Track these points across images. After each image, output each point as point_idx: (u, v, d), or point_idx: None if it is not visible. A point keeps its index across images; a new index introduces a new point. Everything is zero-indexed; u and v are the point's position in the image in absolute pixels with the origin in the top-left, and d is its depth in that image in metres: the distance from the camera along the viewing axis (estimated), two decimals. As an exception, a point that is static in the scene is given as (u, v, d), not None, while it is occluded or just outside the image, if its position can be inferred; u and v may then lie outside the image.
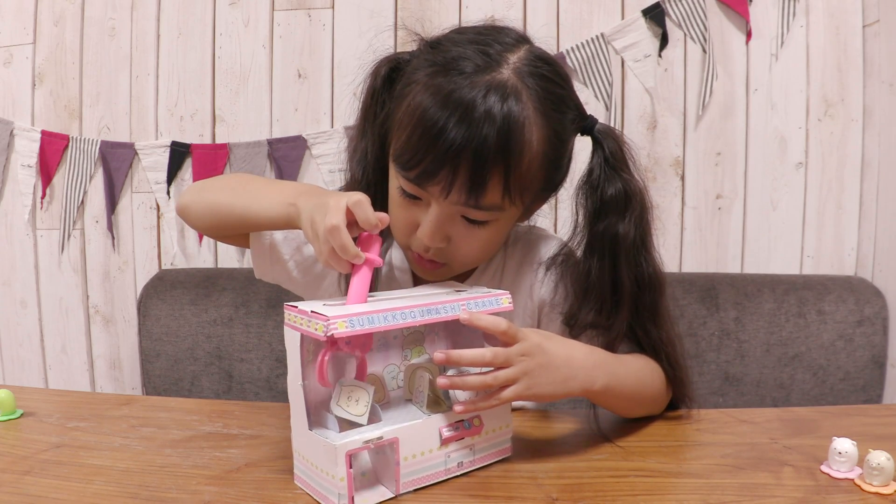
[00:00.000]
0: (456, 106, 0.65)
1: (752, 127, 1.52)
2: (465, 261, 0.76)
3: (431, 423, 0.60)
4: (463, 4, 1.54)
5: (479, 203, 0.68)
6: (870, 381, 1.38)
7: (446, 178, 0.67)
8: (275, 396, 1.45)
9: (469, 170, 0.66)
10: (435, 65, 0.70)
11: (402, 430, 0.58)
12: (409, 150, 0.68)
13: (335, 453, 0.54)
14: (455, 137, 0.65)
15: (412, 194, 0.71)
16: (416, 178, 0.68)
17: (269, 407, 0.85)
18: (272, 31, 1.58)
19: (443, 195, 0.68)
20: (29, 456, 0.68)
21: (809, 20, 1.49)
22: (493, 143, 0.65)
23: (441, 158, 0.66)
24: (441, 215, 0.70)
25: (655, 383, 0.76)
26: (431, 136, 0.66)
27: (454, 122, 0.65)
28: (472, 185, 0.67)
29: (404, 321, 0.58)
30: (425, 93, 0.68)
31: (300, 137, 1.57)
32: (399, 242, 0.78)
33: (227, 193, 0.81)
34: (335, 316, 0.54)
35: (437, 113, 0.66)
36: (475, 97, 0.65)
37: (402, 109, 0.71)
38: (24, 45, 1.63)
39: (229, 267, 1.63)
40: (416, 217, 0.72)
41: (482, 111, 0.65)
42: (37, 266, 1.69)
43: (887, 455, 0.59)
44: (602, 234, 0.74)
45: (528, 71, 0.69)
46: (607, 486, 0.61)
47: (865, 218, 1.50)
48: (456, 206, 0.69)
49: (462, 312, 0.61)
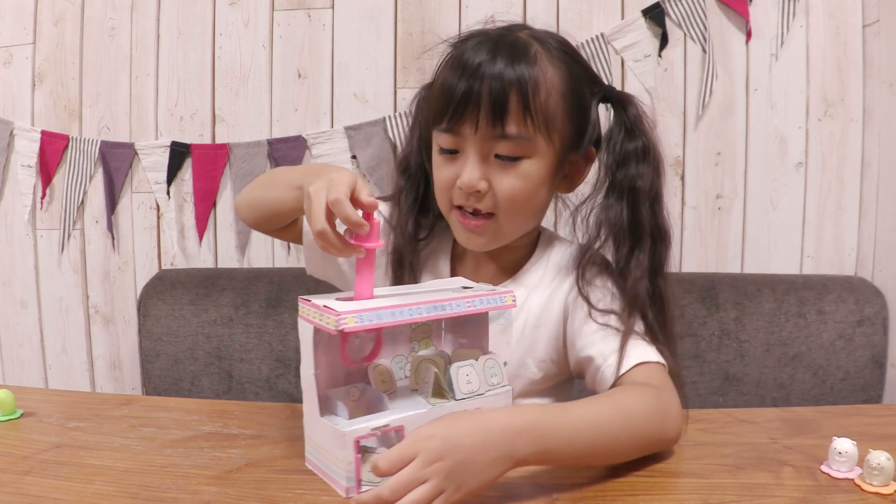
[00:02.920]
0: (471, 56, 0.75)
1: (752, 127, 1.52)
2: (509, 207, 0.79)
3: (435, 413, 0.62)
4: (463, 4, 1.54)
5: (505, 131, 0.75)
6: (870, 381, 1.38)
7: (472, 113, 0.75)
8: (275, 396, 1.45)
9: (490, 100, 0.74)
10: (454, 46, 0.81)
11: (407, 418, 0.61)
12: (439, 107, 0.77)
13: (344, 439, 0.57)
14: (473, 78, 0.74)
15: (449, 149, 0.79)
16: (448, 125, 0.77)
17: (269, 407, 0.85)
18: (272, 31, 1.58)
19: (472, 130, 0.75)
20: (29, 456, 0.68)
21: (809, 20, 1.49)
22: (508, 74, 0.74)
23: (465, 98, 0.74)
24: (477, 153, 0.77)
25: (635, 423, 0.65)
26: (453, 84, 0.75)
27: (471, 67, 0.75)
28: (495, 113, 0.74)
29: (411, 317, 0.61)
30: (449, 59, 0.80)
31: (300, 137, 1.57)
32: (443, 208, 0.84)
33: (260, 187, 0.89)
34: (346, 311, 0.57)
35: (455, 66, 0.76)
36: (489, 45, 0.76)
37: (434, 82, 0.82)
38: (24, 45, 1.63)
39: (229, 267, 1.63)
40: (456, 171, 0.78)
41: (496, 52, 0.75)
42: (37, 266, 1.69)
43: (887, 455, 0.59)
44: (622, 182, 0.80)
45: (540, 35, 0.81)
46: (607, 486, 0.61)
47: (865, 218, 1.50)
48: (486, 140, 0.76)
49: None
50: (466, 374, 0.65)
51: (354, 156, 1.57)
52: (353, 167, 1.57)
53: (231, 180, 1.60)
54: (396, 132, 1.54)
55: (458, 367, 0.65)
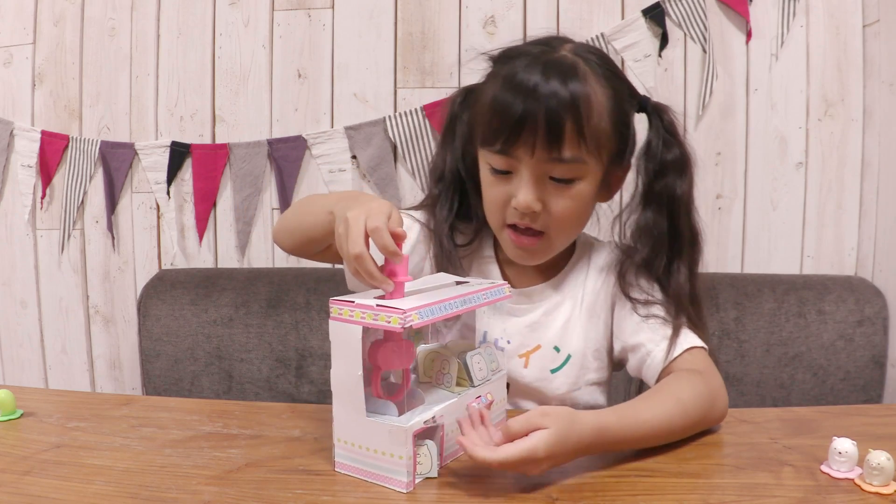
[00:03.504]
0: (525, 77, 0.76)
1: (752, 127, 1.52)
2: (561, 226, 0.83)
3: (463, 401, 0.67)
4: (463, 4, 1.54)
5: (561, 155, 0.77)
6: (870, 381, 1.38)
7: (528, 137, 0.76)
8: (275, 396, 1.45)
9: (546, 124, 0.75)
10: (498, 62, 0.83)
11: (446, 408, 0.64)
12: (492, 127, 0.78)
13: (405, 434, 0.59)
14: (528, 100, 0.75)
15: (502, 169, 0.80)
16: (502, 147, 0.78)
17: (269, 407, 0.85)
18: (272, 31, 1.58)
19: (528, 154, 0.77)
20: (29, 456, 0.68)
21: (809, 20, 1.49)
22: (563, 96, 0.75)
23: (521, 121, 0.75)
24: (532, 175, 0.78)
25: (690, 410, 0.71)
26: (508, 106, 0.76)
27: (526, 89, 0.75)
28: (551, 138, 0.75)
29: (451, 311, 0.63)
30: (495, 81, 0.80)
31: (300, 137, 1.57)
32: (494, 225, 0.86)
33: (296, 213, 0.89)
34: (410, 308, 0.58)
35: (508, 87, 0.77)
36: (540, 66, 0.76)
37: (478, 105, 0.83)
38: (24, 45, 1.63)
39: (229, 267, 1.63)
40: (509, 191, 0.80)
41: (549, 74, 0.75)
42: (37, 266, 1.69)
43: (887, 455, 0.59)
44: (661, 192, 0.84)
45: (583, 52, 0.81)
46: (607, 486, 0.61)
47: (865, 218, 1.50)
48: (542, 163, 0.78)
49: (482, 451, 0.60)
50: (477, 362, 0.70)
51: (354, 156, 1.57)
52: (354, 167, 1.57)
53: (231, 180, 1.60)
54: (396, 132, 1.54)
55: (470, 357, 0.70)
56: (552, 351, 0.89)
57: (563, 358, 0.89)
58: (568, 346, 0.89)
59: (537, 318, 0.90)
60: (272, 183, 1.60)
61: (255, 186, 1.59)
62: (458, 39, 1.54)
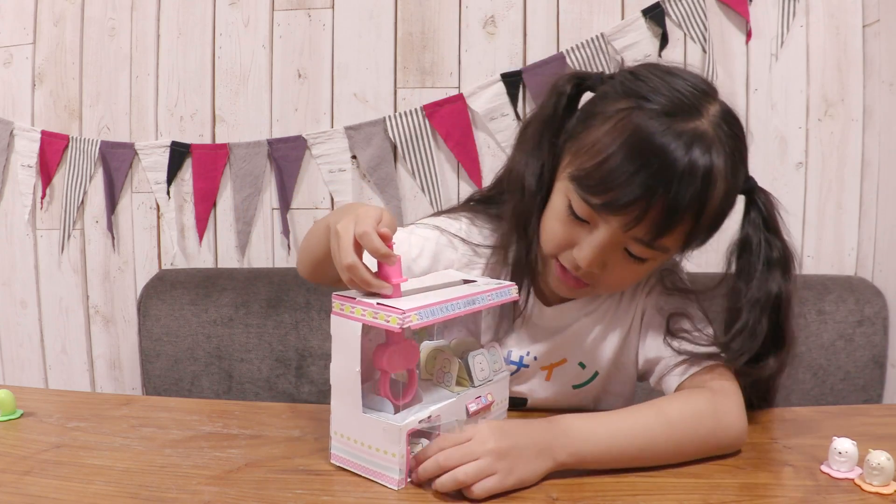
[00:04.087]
0: (661, 149, 0.65)
1: (752, 127, 1.52)
2: (612, 289, 0.78)
3: (462, 401, 0.67)
4: (463, 4, 1.54)
5: (655, 243, 0.69)
6: (870, 381, 1.38)
7: (635, 213, 0.67)
8: (275, 396, 1.45)
9: (662, 213, 0.66)
10: (635, 95, 0.69)
11: (442, 408, 0.64)
12: (600, 177, 0.68)
13: (399, 433, 0.60)
14: (658, 180, 0.65)
15: (582, 217, 0.71)
16: (602, 205, 0.68)
17: (269, 407, 0.85)
18: (272, 31, 1.58)
19: (622, 227, 0.68)
20: (29, 456, 0.68)
21: (809, 20, 1.49)
22: (693, 193, 0.66)
23: (636, 195, 0.66)
24: (607, 243, 0.70)
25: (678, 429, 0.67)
26: (631, 172, 0.66)
27: (658, 164, 0.65)
28: (660, 227, 0.67)
29: (454, 312, 0.63)
30: (626, 126, 0.67)
31: (300, 137, 1.57)
32: (547, 252, 0.77)
33: (306, 239, 0.83)
34: (410, 309, 0.58)
35: (640, 150, 0.66)
36: (680, 145, 0.65)
37: (594, 133, 0.70)
38: (24, 45, 1.63)
39: (229, 267, 1.63)
40: (576, 236, 0.73)
41: (687, 161, 0.65)
42: (37, 266, 1.69)
43: (887, 455, 0.59)
44: (760, 295, 0.74)
45: (724, 127, 0.70)
46: (607, 486, 0.61)
47: (865, 218, 1.50)
48: (629, 239, 0.70)
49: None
50: (479, 362, 0.70)
51: (354, 156, 1.57)
52: (354, 167, 1.57)
53: (231, 180, 1.60)
54: (396, 132, 1.54)
55: (472, 357, 0.70)
56: (577, 367, 0.86)
57: (590, 375, 0.86)
58: (595, 363, 0.85)
59: (568, 334, 0.85)
60: (272, 183, 1.60)
61: (255, 186, 1.59)
62: (458, 39, 1.54)
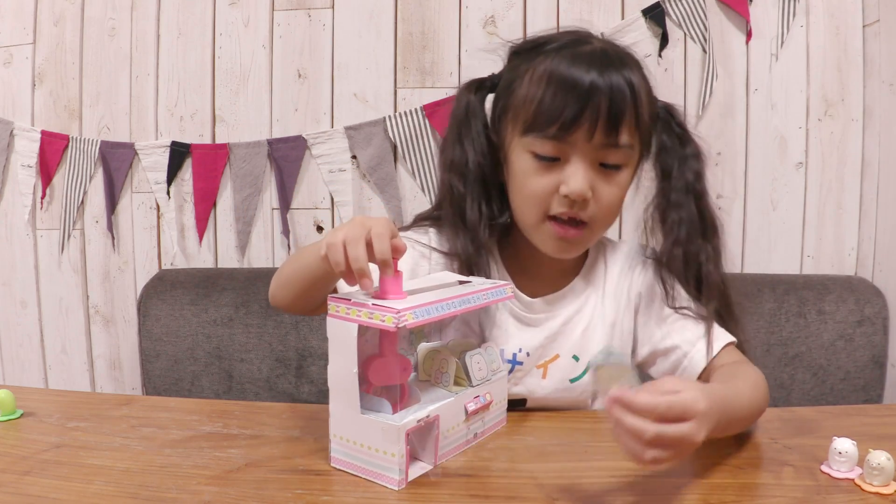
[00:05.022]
0: (587, 59, 0.75)
1: (752, 127, 1.52)
2: (605, 214, 0.81)
3: (460, 401, 0.67)
4: (463, 4, 1.54)
5: (618, 141, 0.76)
6: (870, 381, 1.38)
7: (589, 120, 0.74)
8: (275, 396, 1.45)
9: (608, 109, 0.74)
10: (533, 50, 0.80)
11: (440, 408, 0.65)
12: (546, 110, 0.75)
13: (397, 432, 0.60)
14: (594, 82, 0.73)
15: (550, 156, 0.77)
16: (559, 130, 0.75)
17: (269, 407, 0.85)
18: (272, 31, 1.58)
19: (586, 138, 0.75)
20: (29, 456, 0.68)
21: (809, 20, 1.49)
22: (623, 83, 0.74)
23: (582, 104, 0.73)
24: (586, 161, 0.77)
25: (761, 395, 0.74)
26: (570, 87, 0.74)
27: (589, 71, 0.74)
28: (613, 122, 0.74)
29: (450, 311, 0.63)
30: (550, 62, 0.77)
31: (300, 137, 1.57)
32: (532, 219, 0.81)
33: (287, 265, 0.84)
34: (405, 308, 0.58)
35: (570, 68, 0.75)
36: (591, 53, 0.76)
37: (521, 92, 0.79)
38: (24, 45, 1.63)
39: (229, 267, 1.63)
40: (555, 180, 0.78)
41: (607, 61, 0.75)
42: (37, 266, 1.69)
43: (887, 455, 0.59)
44: (686, 184, 0.84)
45: (612, 43, 0.82)
46: (607, 486, 0.61)
47: (865, 218, 1.50)
48: (598, 149, 0.76)
49: (612, 399, 0.55)
50: (477, 362, 0.71)
51: (354, 156, 1.57)
52: (354, 167, 1.57)
53: (231, 180, 1.60)
54: (396, 132, 1.54)
55: (470, 356, 0.70)
56: (571, 360, 0.87)
57: (584, 367, 0.87)
58: (588, 355, 0.87)
59: (556, 327, 0.87)
60: (272, 183, 1.60)
61: (255, 186, 1.59)
62: (458, 39, 1.54)
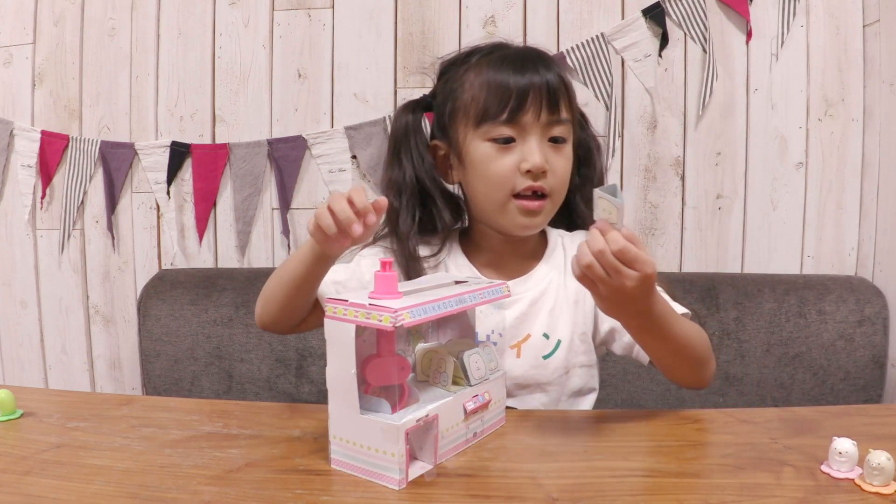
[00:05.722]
0: (521, 53, 0.90)
1: (752, 127, 1.52)
2: (560, 184, 0.91)
3: (458, 400, 0.67)
4: (463, 4, 1.54)
5: (560, 116, 0.88)
6: (870, 381, 1.38)
7: (534, 102, 0.86)
8: (275, 396, 1.45)
9: (547, 91, 0.86)
10: (465, 59, 0.93)
11: (439, 407, 0.64)
12: (494, 102, 0.86)
13: (396, 432, 0.60)
14: (528, 73, 0.86)
15: (506, 137, 0.87)
16: (510, 114, 0.86)
17: (269, 407, 0.85)
18: (272, 31, 1.58)
19: (535, 118, 0.86)
20: (29, 456, 0.68)
21: (809, 20, 1.49)
22: (553, 71, 0.88)
23: (526, 90, 0.85)
24: (538, 137, 0.87)
25: (701, 342, 0.82)
26: (512, 80, 0.86)
27: (525, 63, 0.87)
28: (552, 101, 0.87)
29: (446, 310, 0.64)
30: (486, 66, 0.89)
31: (300, 137, 1.57)
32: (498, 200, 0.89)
33: (270, 280, 0.90)
34: (401, 308, 0.59)
35: (510, 61, 0.88)
36: (518, 51, 0.91)
37: (466, 94, 0.90)
38: (24, 45, 1.63)
39: (229, 267, 1.63)
40: (514, 159, 0.87)
41: (534, 56, 0.90)
42: (37, 266, 1.69)
43: (887, 455, 0.59)
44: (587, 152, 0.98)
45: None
46: (607, 486, 0.61)
47: (865, 218, 1.50)
48: (545, 126, 0.87)
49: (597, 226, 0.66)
50: (475, 361, 0.71)
51: (354, 156, 1.57)
52: (354, 167, 1.57)
53: (231, 180, 1.60)
54: (396, 132, 1.53)
55: (468, 356, 0.70)
56: (542, 338, 0.92)
57: (554, 344, 0.92)
58: (557, 332, 0.92)
59: (524, 308, 0.93)
60: (272, 183, 1.60)
61: (255, 186, 1.59)
62: (458, 39, 1.54)
